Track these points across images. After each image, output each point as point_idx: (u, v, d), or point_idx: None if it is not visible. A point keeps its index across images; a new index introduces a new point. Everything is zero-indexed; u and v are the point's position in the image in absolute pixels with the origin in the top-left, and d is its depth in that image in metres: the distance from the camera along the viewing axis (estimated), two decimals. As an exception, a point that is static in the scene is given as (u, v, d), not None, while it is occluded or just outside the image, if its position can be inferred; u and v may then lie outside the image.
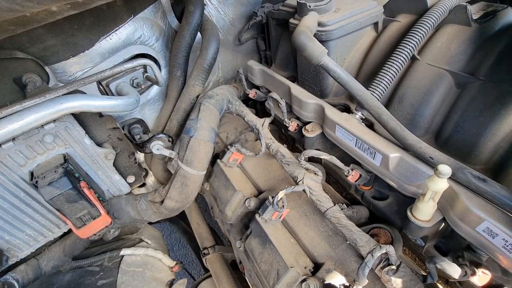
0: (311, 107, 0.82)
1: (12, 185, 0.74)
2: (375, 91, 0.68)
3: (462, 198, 0.51)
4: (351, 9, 0.74)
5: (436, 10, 0.66)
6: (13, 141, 0.68)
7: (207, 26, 0.92)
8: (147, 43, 0.88)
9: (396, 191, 0.66)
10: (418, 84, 0.66)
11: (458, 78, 0.62)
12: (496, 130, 0.55)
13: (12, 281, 0.84)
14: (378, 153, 0.63)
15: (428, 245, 0.65)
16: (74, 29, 0.73)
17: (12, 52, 0.68)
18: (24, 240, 0.83)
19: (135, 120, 0.99)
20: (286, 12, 0.86)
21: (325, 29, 0.72)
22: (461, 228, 0.52)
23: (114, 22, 0.79)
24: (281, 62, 1.02)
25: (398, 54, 0.66)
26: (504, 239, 0.46)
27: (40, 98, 0.64)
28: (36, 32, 0.68)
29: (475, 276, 0.56)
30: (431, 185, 0.49)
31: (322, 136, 0.82)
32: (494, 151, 0.55)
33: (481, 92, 0.58)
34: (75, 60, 0.77)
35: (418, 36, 0.65)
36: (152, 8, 0.86)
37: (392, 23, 0.77)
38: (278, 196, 0.67)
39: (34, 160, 0.74)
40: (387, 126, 0.61)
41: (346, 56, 0.81)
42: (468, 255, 0.57)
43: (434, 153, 0.55)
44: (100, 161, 0.87)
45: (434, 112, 0.64)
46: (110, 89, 0.88)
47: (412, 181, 0.60)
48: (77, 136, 0.78)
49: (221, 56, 1.11)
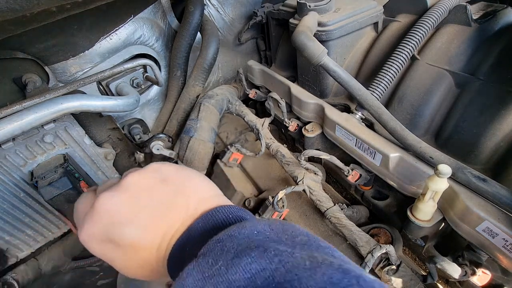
0: (311, 107, 0.82)
1: (12, 185, 0.74)
2: (375, 91, 0.68)
3: (462, 198, 0.51)
4: (351, 9, 0.74)
5: (436, 10, 0.66)
6: (13, 141, 0.68)
7: (207, 26, 0.92)
8: (147, 43, 0.88)
9: (396, 191, 0.65)
10: (418, 84, 0.66)
11: (458, 78, 0.62)
12: (496, 130, 0.55)
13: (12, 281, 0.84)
14: (378, 153, 0.63)
15: (428, 245, 0.65)
16: (74, 29, 0.73)
17: (12, 52, 0.68)
18: (24, 241, 0.83)
19: (135, 120, 0.99)
20: (286, 12, 0.86)
21: (325, 29, 0.72)
22: (461, 228, 0.52)
23: (114, 22, 0.79)
24: (281, 62, 1.02)
25: (398, 54, 0.66)
26: (504, 239, 0.46)
27: (40, 98, 0.64)
28: (36, 32, 0.68)
29: (475, 276, 0.56)
30: (431, 185, 0.49)
31: (322, 136, 0.82)
32: (494, 151, 0.55)
33: (481, 92, 0.58)
34: (75, 60, 0.76)
35: (418, 36, 0.65)
36: (152, 8, 0.86)
37: (392, 23, 0.77)
38: (278, 196, 0.67)
39: (34, 160, 0.74)
40: (387, 126, 0.61)
41: (346, 56, 0.81)
42: (468, 255, 0.57)
43: (434, 153, 0.55)
44: (100, 161, 0.87)
45: (434, 112, 0.64)
46: (110, 89, 0.88)
47: (412, 181, 0.60)
48: (77, 136, 0.78)
49: (221, 56, 1.11)
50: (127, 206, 0.31)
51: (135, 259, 0.31)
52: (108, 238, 0.30)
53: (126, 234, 0.30)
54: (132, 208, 0.31)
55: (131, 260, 0.31)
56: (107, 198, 0.31)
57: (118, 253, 0.31)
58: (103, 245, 0.31)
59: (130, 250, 0.30)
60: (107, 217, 0.31)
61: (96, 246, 0.32)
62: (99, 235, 0.31)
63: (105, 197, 0.31)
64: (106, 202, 0.31)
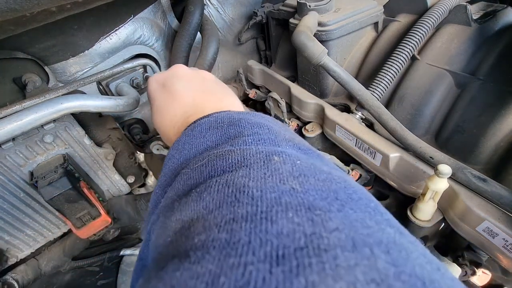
0: (311, 107, 0.82)
1: (12, 185, 0.74)
2: (375, 91, 0.68)
3: (462, 197, 0.51)
4: (351, 9, 0.74)
5: (436, 10, 0.66)
6: (13, 141, 0.68)
7: (207, 26, 0.92)
8: (147, 43, 0.88)
9: (396, 191, 0.65)
10: (418, 84, 0.66)
11: (458, 78, 0.62)
12: (496, 130, 0.55)
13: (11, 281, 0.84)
14: (378, 153, 0.63)
15: (428, 245, 0.65)
16: (74, 29, 0.73)
17: (12, 52, 0.68)
18: (23, 241, 0.83)
19: (135, 120, 0.99)
20: (286, 12, 0.86)
21: (325, 29, 0.72)
22: (461, 228, 0.52)
23: (114, 22, 0.79)
24: (281, 62, 1.02)
25: (398, 54, 0.66)
26: (504, 239, 0.46)
27: (39, 98, 0.64)
28: (36, 32, 0.68)
29: (475, 276, 0.56)
30: (431, 185, 0.49)
31: (322, 136, 0.82)
32: (494, 151, 0.55)
33: (481, 92, 0.58)
34: (75, 60, 0.76)
35: (418, 36, 0.65)
36: (152, 8, 0.86)
37: (392, 23, 0.77)
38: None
39: (34, 160, 0.74)
40: (387, 126, 0.61)
41: (346, 56, 0.81)
42: (468, 255, 0.57)
43: (434, 153, 0.55)
44: (100, 161, 0.87)
45: (434, 112, 0.64)
46: (110, 89, 0.88)
47: (412, 181, 0.60)
48: (77, 136, 0.78)
49: (221, 56, 1.11)
50: (186, 74, 0.43)
51: (171, 107, 0.39)
52: (163, 84, 0.42)
53: (176, 85, 0.40)
54: (188, 77, 0.42)
55: (168, 106, 0.39)
56: (177, 67, 0.44)
57: (163, 94, 0.41)
58: (158, 86, 0.43)
59: (172, 96, 0.39)
60: (171, 72, 0.43)
61: (154, 85, 0.43)
62: (161, 79, 0.43)
63: (176, 66, 0.44)
64: (175, 68, 0.44)
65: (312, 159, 0.23)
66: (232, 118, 0.29)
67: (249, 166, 0.20)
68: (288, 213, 0.15)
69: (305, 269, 0.12)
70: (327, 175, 0.20)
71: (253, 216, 0.16)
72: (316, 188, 0.18)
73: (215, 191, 0.19)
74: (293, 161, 0.21)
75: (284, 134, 0.28)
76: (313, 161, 0.22)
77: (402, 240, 0.16)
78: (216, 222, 0.16)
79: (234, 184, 0.18)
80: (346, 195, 0.18)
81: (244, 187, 0.18)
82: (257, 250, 0.14)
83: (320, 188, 0.18)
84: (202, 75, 0.44)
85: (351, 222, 0.15)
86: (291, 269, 0.13)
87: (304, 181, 0.19)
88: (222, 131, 0.28)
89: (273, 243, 0.14)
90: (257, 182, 0.18)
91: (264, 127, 0.27)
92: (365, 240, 0.14)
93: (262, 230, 0.15)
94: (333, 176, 0.20)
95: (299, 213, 0.15)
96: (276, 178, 0.19)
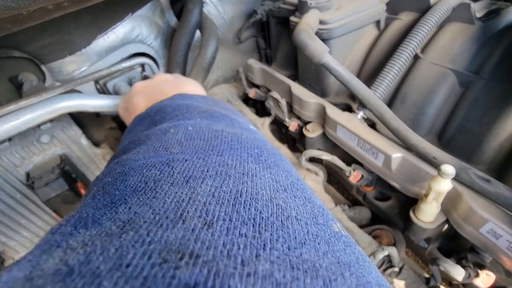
0: (312, 107, 0.81)
1: (8, 186, 0.73)
2: (377, 90, 0.67)
3: (466, 198, 0.50)
4: (353, 7, 0.73)
5: (439, 8, 0.65)
6: (9, 141, 0.67)
7: (206, 24, 0.91)
8: (145, 42, 0.87)
9: (398, 192, 0.65)
10: (421, 83, 0.65)
11: (462, 77, 0.61)
12: (500, 129, 0.54)
13: (8, 283, 0.83)
14: (380, 153, 0.62)
15: (431, 246, 0.64)
16: (71, 28, 0.72)
17: (8, 51, 0.66)
18: (20, 242, 0.82)
19: (133, 120, 0.98)
20: (287, 10, 0.85)
21: (326, 27, 0.71)
22: (464, 229, 0.51)
23: (111, 20, 0.78)
24: (282, 61, 1.01)
25: (400, 52, 0.66)
26: (508, 241, 0.45)
27: (36, 97, 0.63)
28: (32, 31, 0.67)
29: (479, 278, 0.55)
30: (434, 185, 0.48)
31: (323, 136, 0.81)
32: (498, 151, 0.55)
33: (485, 91, 0.57)
34: (72, 58, 0.75)
35: (421, 34, 0.64)
36: (150, 5, 0.85)
37: (394, 21, 0.76)
38: (278, 197, 0.66)
39: (30, 161, 0.73)
40: (390, 125, 0.61)
41: (347, 55, 0.80)
42: (472, 257, 0.56)
43: (437, 153, 0.54)
44: (97, 162, 0.86)
45: (437, 112, 0.64)
46: (107, 89, 0.87)
47: (415, 181, 0.59)
48: (74, 136, 0.77)
49: (221, 55, 1.10)
50: (140, 88, 0.48)
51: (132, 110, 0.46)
52: (125, 107, 0.49)
53: (132, 100, 0.46)
54: (142, 89, 0.47)
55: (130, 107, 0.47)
56: (134, 85, 0.49)
57: (127, 115, 0.48)
58: (122, 111, 0.51)
59: (130, 114, 0.45)
60: (133, 91, 0.48)
61: (120, 111, 0.52)
62: (122, 104, 0.51)
63: (134, 85, 0.50)
64: (133, 87, 0.49)
65: (216, 124, 0.28)
66: (160, 106, 0.35)
67: (146, 143, 0.25)
68: (152, 167, 0.20)
69: None
70: (216, 133, 0.25)
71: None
72: (196, 147, 0.22)
73: (110, 170, 0.22)
74: (185, 130, 0.25)
75: (201, 108, 0.33)
76: (213, 125, 0.27)
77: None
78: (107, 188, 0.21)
79: (123, 160, 0.23)
80: (227, 145, 0.23)
81: (126, 161, 0.22)
82: None
83: (201, 146, 0.23)
84: (160, 78, 0.50)
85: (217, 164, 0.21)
86: None
87: (187, 144, 0.23)
88: (150, 119, 0.33)
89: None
90: (144, 154, 0.22)
91: (183, 107, 0.33)
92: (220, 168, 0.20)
93: None
94: (223, 133, 0.25)
95: (159, 166, 0.20)
96: (163, 147, 0.23)
